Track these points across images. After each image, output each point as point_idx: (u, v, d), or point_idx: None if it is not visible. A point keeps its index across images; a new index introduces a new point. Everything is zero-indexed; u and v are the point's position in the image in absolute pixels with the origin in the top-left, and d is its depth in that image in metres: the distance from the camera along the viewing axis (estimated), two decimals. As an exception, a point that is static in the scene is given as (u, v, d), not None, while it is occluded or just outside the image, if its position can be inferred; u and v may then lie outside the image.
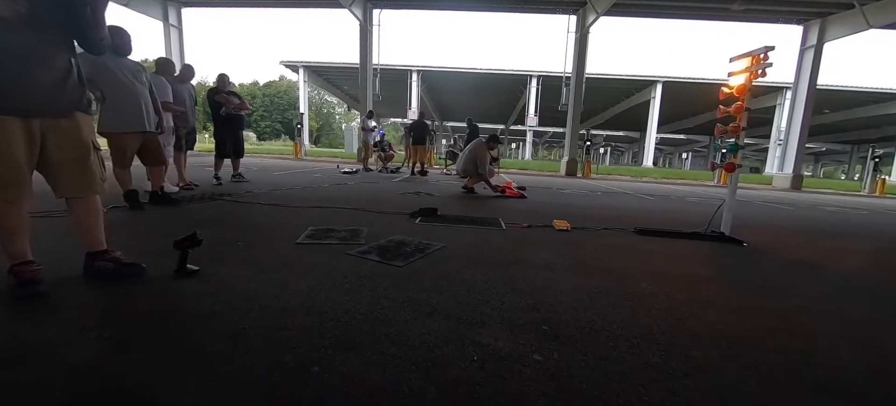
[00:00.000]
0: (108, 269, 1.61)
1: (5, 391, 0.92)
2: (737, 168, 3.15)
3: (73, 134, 1.51)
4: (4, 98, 1.32)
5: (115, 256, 1.66)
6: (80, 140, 1.53)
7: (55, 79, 1.42)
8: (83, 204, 1.61)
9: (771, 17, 12.76)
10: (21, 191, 1.40)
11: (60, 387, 0.94)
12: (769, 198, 8.53)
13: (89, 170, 1.57)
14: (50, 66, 1.40)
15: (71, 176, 1.54)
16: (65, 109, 1.48)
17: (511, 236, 2.87)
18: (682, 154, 52.59)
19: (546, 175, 12.64)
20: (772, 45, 2.87)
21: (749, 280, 2.16)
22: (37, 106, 1.40)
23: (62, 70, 1.44)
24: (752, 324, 1.54)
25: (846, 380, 1.18)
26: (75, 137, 1.52)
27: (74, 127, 1.51)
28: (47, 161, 1.48)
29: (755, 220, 4.72)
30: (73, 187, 1.56)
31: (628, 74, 24.48)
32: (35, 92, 1.38)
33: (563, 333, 1.35)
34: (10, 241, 1.43)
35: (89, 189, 1.59)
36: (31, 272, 1.43)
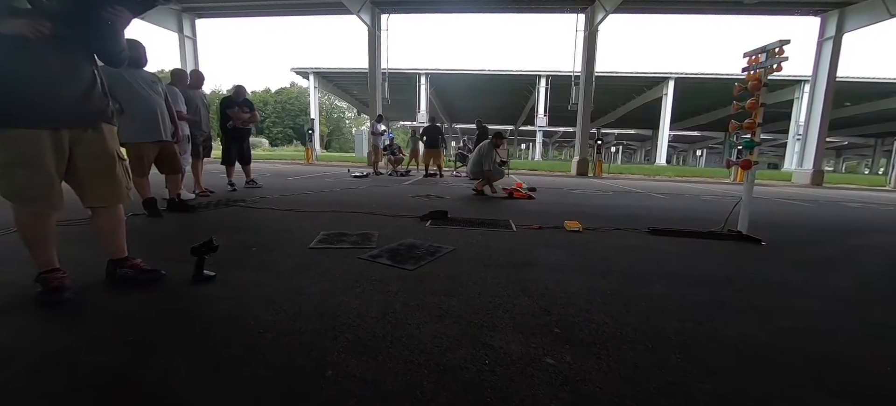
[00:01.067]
0: (128, 275, 1.67)
1: (34, 397, 0.96)
2: (753, 165, 3.08)
3: (100, 145, 1.57)
4: (34, 112, 1.38)
5: (136, 263, 1.71)
6: (105, 151, 1.59)
7: (81, 91, 1.48)
8: (107, 213, 1.66)
9: (786, 9, 12.44)
10: (52, 202, 1.46)
11: (86, 391, 0.97)
12: (789, 195, 8.29)
13: (115, 179, 1.63)
14: (76, 79, 1.46)
15: (98, 186, 1.58)
16: (91, 121, 1.53)
17: (522, 238, 2.86)
18: (697, 151, 51.55)
19: (557, 175, 12.54)
20: (787, 39, 2.79)
21: (768, 280, 2.11)
22: (64, 118, 1.45)
23: (87, 83, 1.50)
24: (773, 326, 1.50)
25: (871, 383, 1.14)
26: (101, 148, 1.57)
27: (100, 138, 1.57)
28: (75, 171, 1.54)
29: (774, 217, 4.59)
30: (100, 197, 1.61)
31: (639, 71, 24.13)
32: (63, 105, 1.43)
33: (575, 336, 1.33)
34: (40, 249, 1.49)
35: (115, 199, 1.64)
36: (57, 279, 1.48)
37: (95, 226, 1.69)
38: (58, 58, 1.40)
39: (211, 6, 14.21)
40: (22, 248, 1.52)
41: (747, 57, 3.10)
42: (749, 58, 3.08)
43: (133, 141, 3.12)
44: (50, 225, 1.51)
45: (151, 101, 3.13)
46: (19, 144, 1.37)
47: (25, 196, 1.42)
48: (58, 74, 1.41)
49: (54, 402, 0.94)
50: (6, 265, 1.89)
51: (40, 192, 1.42)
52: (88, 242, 2.26)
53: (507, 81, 25.20)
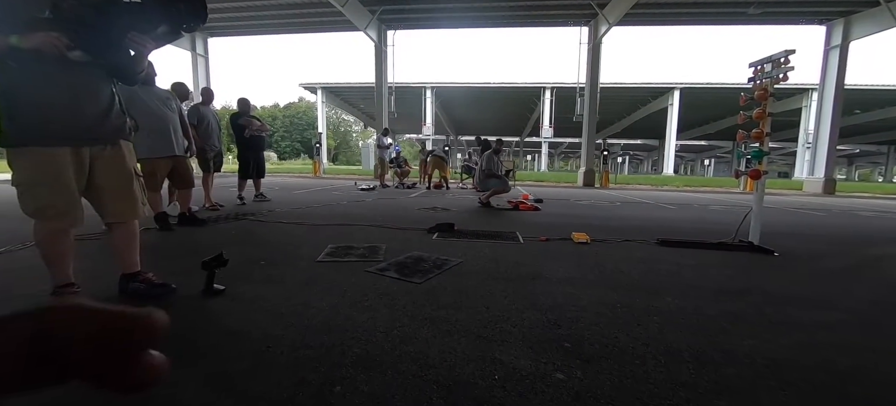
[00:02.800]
0: (140, 289, 1.69)
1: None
2: (763, 175, 3.05)
3: (118, 161, 1.61)
4: (58, 131, 1.43)
5: (148, 277, 1.74)
6: (124, 167, 1.63)
7: (101, 109, 1.53)
8: (123, 228, 1.69)
9: (791, 18, 12.44)
10: (74, 218, 1.50)
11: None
12: (800, 204, 8.16)
13: (132, 195, 1.67)
14: (96, 98, 1.51)
15: (116, 201, 1.62)
16: (110, 138, 1.58)
17: (529, 250, 2.84)
18: (704, 160, 51.12)
19: (563, 186, 12.50)
20: (792, 49, 2.79)
21: (783, 292, 2.07)
22: (86, 136, 1.50)
23: (107, 101, 1.55)
24: (789, 339, 1.46)
25: (893, 396, 1.11)
26: (120, 165, 1.62)
27: (119, 155, 1.62)
28: (94, 187, 1.58)
29: (786, 227, 4.52)
30: (118, 212, 1.64)
31: (644, 82, 24.18)
32: (84, 123, 1.48)
33: (586, 351, 1.32)
34: (58, 264, 1.53)
35: (132, 214, 1.68)
36: (71, 294, 1.51)
37: (111, 240, 1.72)
38: (80, 77, 1.45)
39: (223, 25, 14.61)
40: (39, 260, 1.55)
41: (752, 67, 3.10)
42: (754, 68, 3.08)
43: (147, 156, 3.18)
44: (69, 241, 1.55)
45: (165, 117, 3.21)
46: (43, 163, 1.41)
47: (48, 213, 1.46)
48: (80, 94, 1.45)
49: (67, 417, 0.94)
50: (26, 278, 1.92)
51: (62, 208, 1.46)
52: (101, 256, 2.30)
53: (512, 94, 25.40)
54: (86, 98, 1.47)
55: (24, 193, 1.45)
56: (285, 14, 13.33)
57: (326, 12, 12.31)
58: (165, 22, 1.44)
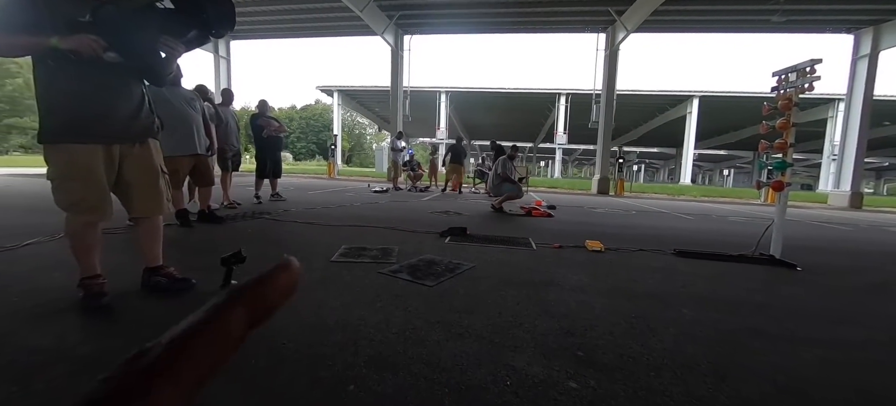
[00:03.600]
0: (162, 283, 1.75)
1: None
2: (785, 186, 2.96)
3: (146, 159, 1.68)
4: (91, 128, 1.50)
5: (169, 272, 1.79)
6: (151, 164, 1.70)
7: (132, 109, 1.60)
8: (148, 223, 1.76)
9: (817, 26, 12.09)
10: (104, 212, 1.57)
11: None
12: (825, 217, 7.88)
13: (159, 192, 1.73)
14: (128, 98, 1.57)
15: (143, 197, 1.69)
16: (139, 136, 1.65)
17: (542, 257, 2.82)
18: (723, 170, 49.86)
19: (577, 193, 12.36)
20: (819, 59, 2.72)
21: (806, 307, 2.00)
22: (117, 134, 1.57)
23: (137, 101, 1.62)
24: (812, 355, 1.42)
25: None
26: (148, 162, 1.69)
27: (147, 153, 1.68)
28: (122, 183, 1.65)
29: (809, 241, 4.37)
30: (145, 208, 1.71)
31: (662, 90, 23.82)
32: (116, 122, 1.55)
33: (599, 360, 1.30)
34: (86, 256, 1.59)
35: (158, 209, 1.75)
36: (97, 285, 1.57)
37: (136, 235, 1.79)
38: (113, 78, 1.51)
39: (246, 29, 14.99)
40: (66, 252, 1.62)
41: (776, 76, 3.02)
42: (778, 77, 3.01)
43: (170, 155, 3.28)
44: (97, 234, 1.62)
45: (189, 116, 3.31)
46: (77, 158, 1.49)
47: (80, 207, 1.52)
48: (113, 93, 1.52)
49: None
50: (53, 271, 2.00)
51: (93, 203, 1.53)
52: (124, 250, 2.38)
53: (527, 99, 25.32)
54: (118, 98, 1.54)
55: (57, 188, 1.52)
56: (306, 18, 13.61)
57: (345, 17, 12.53)
58: (195, 27, 1.50)
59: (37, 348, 1.22)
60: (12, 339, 1.28)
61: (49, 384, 1.05)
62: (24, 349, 1.21)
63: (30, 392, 1.01)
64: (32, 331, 1.34)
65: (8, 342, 1.26)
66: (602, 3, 11.33)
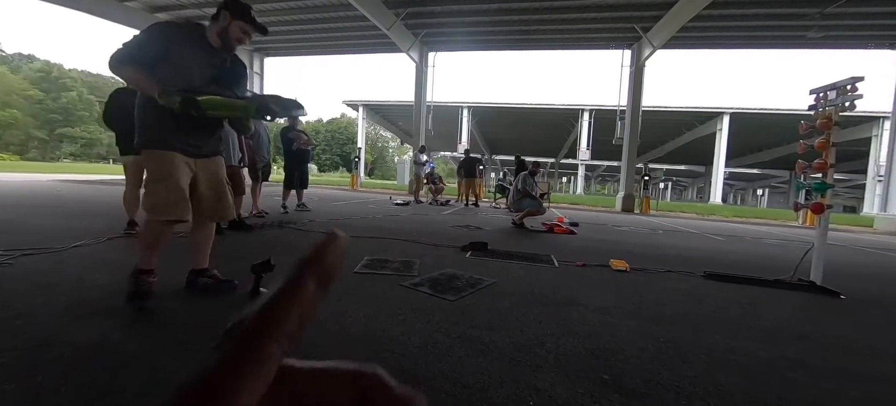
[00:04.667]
0: (209, 284, 1.91)
1: (112, 395, 1.06)
2: (826, 209, 2.81)
3: (216, 172, 1.91)
4: (180, 140, 1.74)
5: (214, 274, 1.95)
6: (219, 177, 1.92)
7: (211, 130, 1.86)
8: (207, 229, 1.96)
9: (857, 42, 11.54)
10: (182, 213, 1.74)
11: (158, 393, 1.07)
12: (871, 242, 7.37)
13: (227, 199, 1.95)
14: (210, 120, 1.79)
15: (212, 205, 1.89)
16: (212, 152, 1.89)
17: (564, 275, 2.77)
18: (757, 190, 47.64)
19: (600, 210, 12.09)
20: (861, 76, 2.60)
21: (851, 338, 1.87)
22: (197, 148, 1.81)
23: (216, 124, 1.88)
24: (859, 391, 1.32)
25: None
26: (217, 175, 1.91)
27: (217, 167, 1.92)
28: (196, 191, 1.85)
29: (853, 268, 4.10)
30: (213, 214, 1.91)
31: (690, 106, 23.18)
32: (199, 138, 1.80)
33: (626, 385, 1.26)
34: (150, 251, 1.76)
35: (223, 215, 1.95)
36: (146, 282, 1.72)
37: (193, 237, 1.95)
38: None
39: (280, 47, 15.73)
40: (111, 254, 1.73)
41: (814, 94, 2.91)
42: (816, 95, 2.89)
43: None
44: (168, 235, 1.80)
45: (227, 130, 3.49)
46: (166, 165, 1.70)
47: (162, 206, 1.71)
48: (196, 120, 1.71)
49: (128, 401, 1.03)
50: (97, 271, 2.13)
51: (174, 202, 1.71)
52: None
53: (549, 115, 25.19)
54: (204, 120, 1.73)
55: (149, 190, 1.72)
56: (336, 36, 14.16)
57: (373, 35, 12.95)
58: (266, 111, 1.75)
59: (83, 344, 1.30)
60: (59, 335, 1.36)
61: (92, 381, 1.11)
62: (71, 345, 1.30)
63: (76, 385, 1.08)
64: (79, 327, 1.43)
65: (56, 337, 1.34)
66: (628, 21, 11.24)
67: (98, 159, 40.02)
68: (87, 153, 40.78)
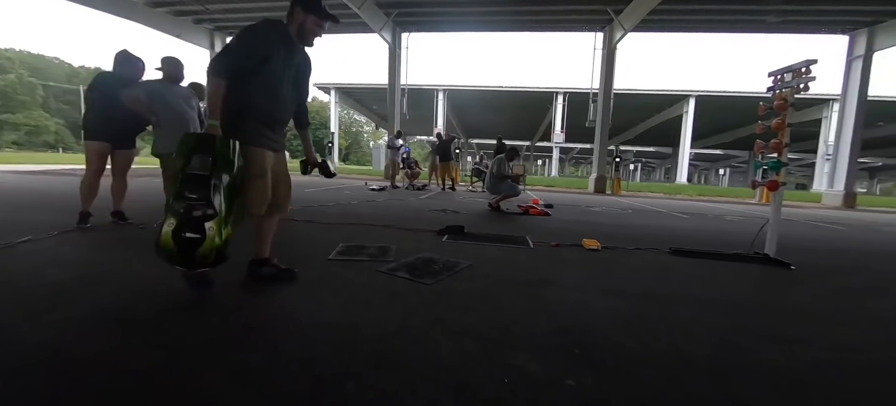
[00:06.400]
0: (272, 273, 1.93)
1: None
2: (780, 186, 2.99)
3: (285, 164, 1.97)
4: (269, 138, 1.80)
5: (275, 263, 1.96)
6: (287, 168, 1.99)
7: (284, 126, 1.94)
8: (273, 220, 1.96)
9: (812, 27, 12.18)
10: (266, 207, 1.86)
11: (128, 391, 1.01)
12: (818, 217, 7.95)
13: (290, 191, 2.00)
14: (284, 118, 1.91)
15: (282, 194, 1.94)
16: (283, 147, 1.96)
17: (539, 255, 2.83)
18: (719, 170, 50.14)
19: (574, 192, 12.40)
20: (814, 59, 2.74)
21: (800, 306, 2.02)
22: (277, 144, 1.87)
23: (287, 120, 1.95)
24: (808, 355, 1.43)
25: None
26: (285, 166, 1.98)
27: (286, 161, 1.98)
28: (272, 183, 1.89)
29: (803, 241, 4.41)
30: (284, 206, 1.98)
31: (659, 89, 23.92)
32: (280, 134, 1.90)
33: (596, 359, 1.31)
34: (264, 241, 1.93)
35: (287, 206, 2.01)
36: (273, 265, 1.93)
37: (261, 226, 1.93)
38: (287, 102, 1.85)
39: (237, 24, 14.90)
40: (63, 249, 1.60)
41: (772, 77, 3.04)
42: (774, 77, 3.03)
43: (166, 152, 3.27)
44: (272, 224, 1.95)
45: (186, 115, 3.29)
46: (264, 161, 1.77)
47: (261, 203, 1.79)
48: (284, 114, 1.87)
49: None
50: (50, 267, 1.99)
51: (267, 199, 1.80)
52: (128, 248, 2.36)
53: (524, 98, 25.33)
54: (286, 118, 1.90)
55: (252, 186, 1.73)
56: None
57: (342, 14, 12.37)
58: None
59: (40, 343, 1.21)
60: (15, 334, 1.27)
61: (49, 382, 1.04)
62: (29, 343, 1.21)
63: (29, 390, 1.00)
64: (35, 326, 1.33)
65: (10, 336, 1.25)
66: (600, 3, 11.34)
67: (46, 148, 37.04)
68: (33, 142, 37.64)
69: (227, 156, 1.58)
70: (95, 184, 3.11)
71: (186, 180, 1.52)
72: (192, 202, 1.50)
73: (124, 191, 3.35)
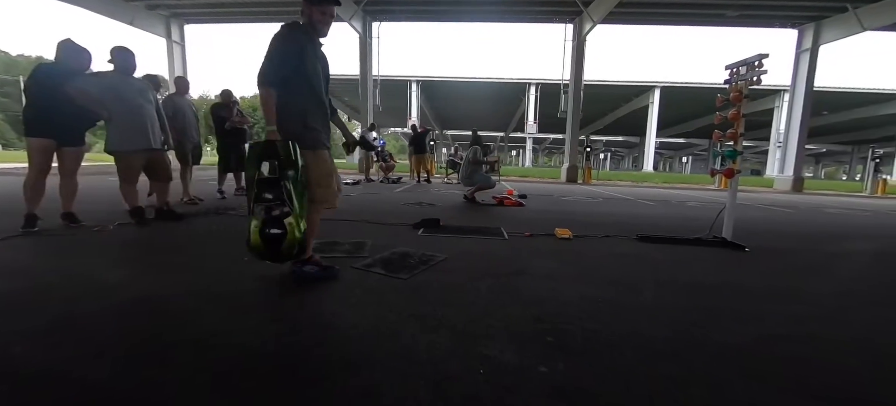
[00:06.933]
0: (314, 272, 1.95)
1: None
2: (736, 173, 3.17)
3: (333, 160, 2.02)
4: (326, 138, 1.92)
5: (317, 260, 2.00)
6: (334, 163, 2.05)
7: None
8: (319, 215, 2.01)
9: (765, 21, 12.90)
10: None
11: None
12: (771, 201, 8.53)
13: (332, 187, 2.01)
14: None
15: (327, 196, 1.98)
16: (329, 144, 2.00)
17: (514, 246, 2.89)
18: (683, 158, 52.65)
19: (547, 182, 12.67)
20: (766, 53, 2.91)
21: (753, 286, 2.17)
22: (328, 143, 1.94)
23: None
24: (759, 332, 1.54)
25: (851, 387, 1.19)
26: (334, 162, 2.02)
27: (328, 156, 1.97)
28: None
29: (757, 224, 4.72)
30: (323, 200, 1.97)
31: (626, 80, 24.71)
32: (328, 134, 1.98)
33: (568, 345, 1.36)
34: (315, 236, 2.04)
35: (333, 202, 2.00)
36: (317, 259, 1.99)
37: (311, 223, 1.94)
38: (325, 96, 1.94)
39: (201, 12, 14.10)
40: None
41: (729, 69, 3.21)
42: (730, 70, 3.19)
43: (121, 150, 3.07)
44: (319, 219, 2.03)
45: (141, 109, 3.10)
46: (330, 162, 1.94)
47: (333, 199, 1.94)
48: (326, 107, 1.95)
49: None
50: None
51: (335, 193, 1.95)
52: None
53: (498, 89, 25.50)
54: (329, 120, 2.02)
55: (325, 185, 1.87)
56: (266, 2, 12.97)
57: (310, 2, 12.02)
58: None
59: None
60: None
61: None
62: None
63: None
64: None
65: None
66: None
67: (-17, 145, 33.88)
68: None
69: (289, 157, 1.71)
70: (40, 183, 2.86)
71: (261, 184, 1.71)
72: (269, 203, 1.71)
73: (75, 191, 3.10)
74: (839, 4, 11.18)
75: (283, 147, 1.72)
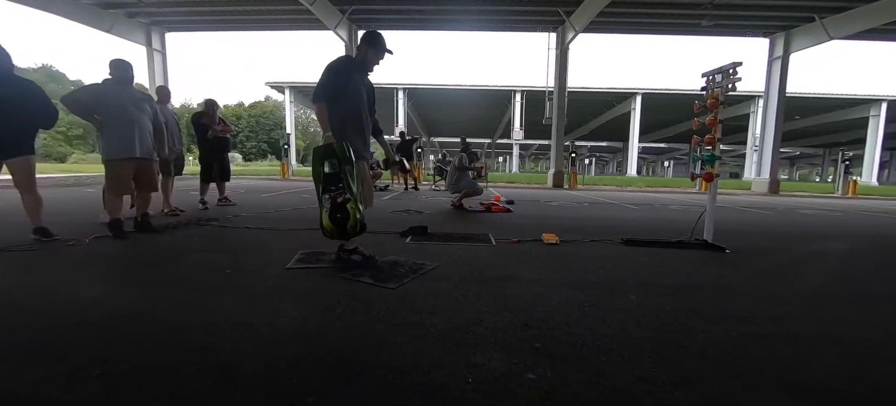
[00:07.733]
0: (358, 260, 2.34)
1: None
2: (715, 177, 3.27)
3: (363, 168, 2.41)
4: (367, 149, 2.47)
5: (361, 251, 2.37)
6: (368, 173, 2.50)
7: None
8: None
9: (738, 31, 13.40)
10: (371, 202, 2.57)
11: None
12: (749, 203, 8.79)
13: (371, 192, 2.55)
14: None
15: (368, 194, 2.43)
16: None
17: (501, 252, 2.90)
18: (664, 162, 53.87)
19: (533, 187, 12.80)
20: (739, 62, 3.02)
21: (733, 287, 2.23)
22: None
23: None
24: (738, 331, 1.58)
25: (827, 382, 1.23)
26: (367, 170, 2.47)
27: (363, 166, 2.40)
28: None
29: (736, 226, 4.86)
30: (369, 202, 2.44)
31: (609, 87, 25.25)
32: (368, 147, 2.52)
33: (555, 351, 1.37)
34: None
35: (370, 202, 2.50)
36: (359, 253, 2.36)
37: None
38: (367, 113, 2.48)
39: (182, 20, 13.88)
40: None
41: (705, 77, 3.32)
42: (707, 77, 3.30)
43: (109, 159, 3.07)
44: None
45: (132, 119, 3.15)
46: (366, 169, 2.41)
47: (371, 198, 2.46)
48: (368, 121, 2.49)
49: None
50: None
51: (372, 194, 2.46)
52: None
53: (484, 96, 25.73)
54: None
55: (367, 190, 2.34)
56: (249, 10, 12.84)
57: (295, 11, 11.98)
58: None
59: None
60: None
61: None
62: None
63: None
64: None
65: None
66: (552, 4, 11.76)
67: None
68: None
69: (344, 154, 2.16)
70: None
71: (326, 178, 2.16)
72: (334, 192, 2.15)
73: (38, 205, 2.89)
74: (807, 15, 11.71)
75: (339, 148, 2.15)
